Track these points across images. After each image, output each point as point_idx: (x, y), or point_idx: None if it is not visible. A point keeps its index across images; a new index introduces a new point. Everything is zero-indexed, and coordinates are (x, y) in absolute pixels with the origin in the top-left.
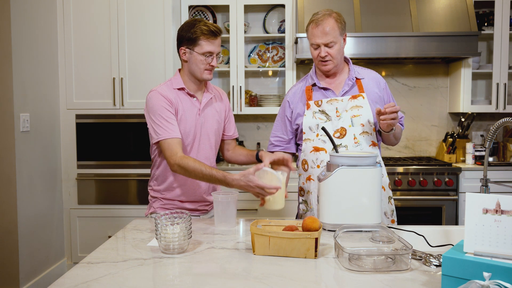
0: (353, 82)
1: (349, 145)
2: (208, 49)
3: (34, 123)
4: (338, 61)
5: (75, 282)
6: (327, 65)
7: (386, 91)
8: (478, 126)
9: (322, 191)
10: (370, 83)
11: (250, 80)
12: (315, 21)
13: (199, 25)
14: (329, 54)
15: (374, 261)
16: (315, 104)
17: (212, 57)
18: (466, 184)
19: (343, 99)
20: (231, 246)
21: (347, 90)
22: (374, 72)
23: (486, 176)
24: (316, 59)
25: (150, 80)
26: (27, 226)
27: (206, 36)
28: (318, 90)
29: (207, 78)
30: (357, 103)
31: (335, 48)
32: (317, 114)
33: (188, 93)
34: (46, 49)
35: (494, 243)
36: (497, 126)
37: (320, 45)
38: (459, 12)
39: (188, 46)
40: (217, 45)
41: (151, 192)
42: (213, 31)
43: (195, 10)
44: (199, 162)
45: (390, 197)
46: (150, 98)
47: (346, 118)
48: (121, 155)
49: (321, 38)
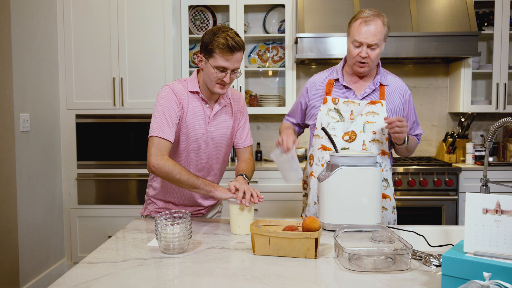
0: (376, 87)
1: (356, 150)
2: (222, 65)
3: (34, 123)
4: (374, 65)
5: (75, 282)
6: (364, 68)
7: (408, 103)
8: (478, 126)
9: (322, 191)
10: (393, 92)
11: (250, 80)
12: (363, 18)
13: (219, 36)
14: (369, 56)
15: (374, 261)
16: (332, 101)
17: (225, 73)
18: (466, 184)
19: (361, 102)
20: (231, 246)
21: (368, 94)
22: (401, 82)
23: (486, 176)
24: (353, 58)
25: (150, 80)
26: (27, 226)
27: (221, 51)
28: (340, 87)
29: (218, 93)
30: (374, 109)
31: (376, 52)
32: (331, 112)
33: (202, 98)
34: (46, 49)
35: (494, 243)
36: (497, 126)
37: (363, 44)
38: (459, 12)
39: (204, 54)
40: (234, 62)
41: (149, 191)
42: (230, 46)
43: (195, 10)
44: (180, 167)
45: (394, 207)
46: (162, 92)
47: (359, 123)
48: (121, 155)
49: (366, 38)
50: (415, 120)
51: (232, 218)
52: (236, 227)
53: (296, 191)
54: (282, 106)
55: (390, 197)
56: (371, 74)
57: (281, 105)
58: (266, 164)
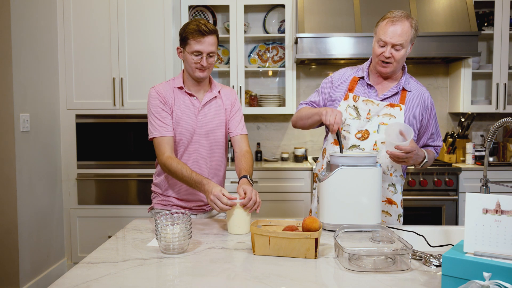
0: (398, 91)
1: (367, 149)
2: (196, 48)
3: (34, 123)
4: (399, 66)
5: (75, 282)
6: (387, 68)
7: (429, 113)
8: (478, 126)
9: (322, 191)
10: (414, 99)
11: (250, 80)
12: (391, 18)
13: (191, 24)
14: (393, 57)
15: (374, 261)
16: (352, 99)
17: (201, 57)
18: (466, 184)
19: (380, 103)
20: (231, 246)
21: (389, 96)
22: (425, 90)
23: (486, 176)
24: (377, 57)
25: (150, 80)
26: (27, 226)
27: (193, 35)
28: (363, 85)
29: (199, 76)
30: (392, 112)
31: (401, 53)
32: (350, 109)
33: (186, 92)
34: (46, 49)
35: (494, 243)
36: (497, 126)
37: (387, 44)
38: (459, 12)
39: (181, 45)
40: (207, 45)
41: (152, 186)
42: (201, 30)
43: (195, 10)
44: (182, 164)
45: (400, 215)
46: (148, 95)
47: (375, 123)
48: (121, 155)
49: (391, 38)
50: (434, 132)
51: (229, 218)
52: (233, 226)
53: (296, 191)
54: (282, 106)
55: (397, 204)
56: (395, 77)
57: (281, 105)
58: (266, 164)
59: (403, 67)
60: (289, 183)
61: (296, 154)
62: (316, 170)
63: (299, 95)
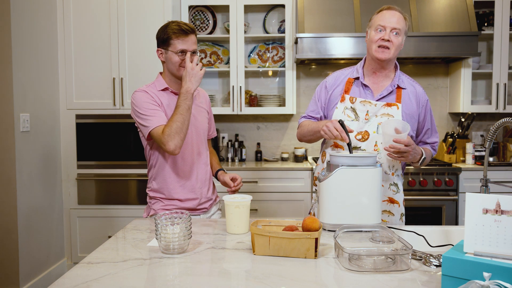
0: (393, 89)
1: (368, 150)
2: (181, 47)
3: (34, 123)
4: (394, 55)
5: (75, 282)
6: (385, 52)
7: (425, 109)
8: (478, 126)
9: (322, 191)
10: (409, 96)
11: (250, 80)
12: (386, 7)
13: (171, 25)
14: (392, 41)
15: (374, 261)
16: (349, 100)
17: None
18: (466, 184)
19: (377, 103)
20: (231, 246)
21: (385, 96)
22: (419, 87)
23: (486, 176)
24: (375, 43)
25: (150, 80)
26: (27, 226)
27: (176, 35)
28: (359, 86)
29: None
30: (390, 111)
31: (399, 39)
32: (347, 111)
33: (172, 91)
34: (46, 49)
35: (494, 243)
36: (497, 126)
37: (386, 27)
38: (459, 12)
39: (163, 47)
40: (191, 43)
41: (150, 193)
42: (183, 30)
43: (195, 10)
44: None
45: (402, 214)
46: (135, 96)
47: (374, 123)
48: (121, 155)
49: (390, 22)
50: (430, 128)
51: (228, 217)
52: (231, 226)
53: (296, 191)
54: (282, 106)
55: (399, 203)
56: (389, 74)
57: (281, 105)
58: (266, 164)
59: (396, 66)
60: (289, 183)
61: (296, 154)
62: (316, 173)
63: (299, 95)
